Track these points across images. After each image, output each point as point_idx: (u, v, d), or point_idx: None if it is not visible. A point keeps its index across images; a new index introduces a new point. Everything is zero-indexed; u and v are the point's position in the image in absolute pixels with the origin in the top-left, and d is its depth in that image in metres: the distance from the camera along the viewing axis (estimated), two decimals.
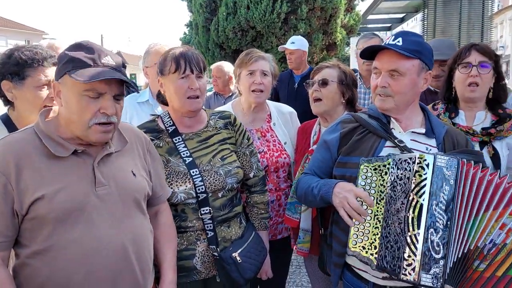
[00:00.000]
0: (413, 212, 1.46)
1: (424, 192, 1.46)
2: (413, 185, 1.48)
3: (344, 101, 2.29)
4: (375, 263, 1.55)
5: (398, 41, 1.66)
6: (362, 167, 1.63)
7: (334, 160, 1.79)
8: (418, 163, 1.49)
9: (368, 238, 1.59)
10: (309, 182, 1.80)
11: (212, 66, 4.65)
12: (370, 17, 12.51)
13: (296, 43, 4.41)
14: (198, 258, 1.85)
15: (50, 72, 1.75)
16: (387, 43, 1.69)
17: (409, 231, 1.46)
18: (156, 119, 1.98)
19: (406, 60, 1.65)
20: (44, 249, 1.33)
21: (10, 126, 1.79)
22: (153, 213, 1.68)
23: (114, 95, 1.40)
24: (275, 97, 4.14)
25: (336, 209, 1.64)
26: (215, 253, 1.83)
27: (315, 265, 2.21)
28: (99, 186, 1.41)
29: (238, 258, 1.83)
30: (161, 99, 1.99)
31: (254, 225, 2.08)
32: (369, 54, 1.76)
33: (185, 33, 15.04)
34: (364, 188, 1.61)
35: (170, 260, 1.69)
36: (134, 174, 1.54)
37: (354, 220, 1.58)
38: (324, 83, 2.26)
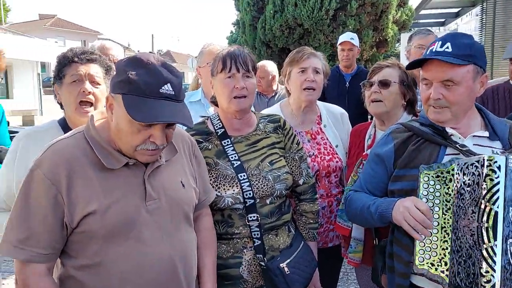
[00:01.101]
0: (487, 222, 1.32)
1: (498, 198, 1.32)
2: (484, 191, 1.33)
3: (404, 103, 2.13)
4: (447, 281, 1.41)
5: (447, 47, 1.50)
6: (422, 175, 1.49)
7: (390, 175, 1.65)
8: (488, 166, 1.34)
9: (436, 253, 1.44)
10: (364, 201, 1.67)
11: None
12: (423, 12, 11.94)
13: (355, 39, 4.26)
14: (245, 266, 1.78)
15: (83, 68, 1.75)
16: (434, 50, 1.53)
17: (484, 243, 1.31)
18: (206, 120, 1.94)
19: (459, 68, 1.49)
20: (92, 264, 1.29)
21: (65, 128, 1.80)
22: (194, 217, 1.63)
23: (167, 125, 1.32)
24: (321, 96, 4.01)
25: (395, 226, 1.51)
26: (262, 263, 1.75)
27: (367, 276, 2.09)
28: (149, 200, 1.36)
29: (286, 269, 1.74)
30: (213, 100, 1.95)
31: (302, 235, 1.98)
32: (416, 63, 1.61)
33: (231, 32, 15.12)
34: (427, 199, 1.47)
35: (210, 268, 1.63)
36: (183, 185, 1.48)
37: (420, 234, 1.44)
38: (385, 84, 2.10)
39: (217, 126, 1.88)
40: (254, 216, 1.75)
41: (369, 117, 4.15)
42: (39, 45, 20.60)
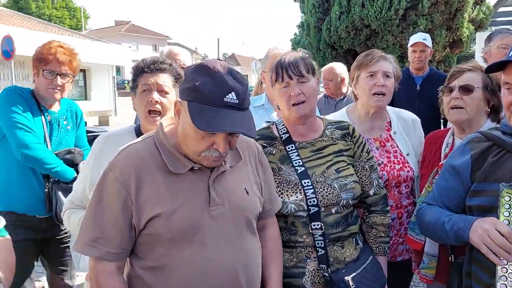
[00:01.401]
0: None
1: None
2: None
3: (488, 109, 1.95)
4: None
5: None
6: (503, 193, 1.34)
7: (467, 189, 1.51)
8: None
9: None
10: (438, 216, 1.55)
11: (323, 69, 4.36)
12: (501, 9, 11.05)
13: (428, 40, 4.04)
14: (308, 277, 1.72)
15: (152, 78, 1.79)
16: None
17: None
18: (271, 126, 1.92)
19: None
20: (158, 266, 1.33)
21: (139, 134, 1.86)
22: (260, 227, 1.60)
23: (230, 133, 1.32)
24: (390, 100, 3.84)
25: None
26: (326, 274, 1.68)
27: None
28: (213, 205, 1.36)
29: (351, 283, 1.66)
30: (278, 106, 1.94)
31: (372, 248, 1.88)
32: (496, 67, 1.46)
33: (295, 34, 15.06)
34: (508, 220, 1.33)
35: (276, 278, 1.60)
36: (247, 192, 1.47)
37: (502, 258, 1.30)
38: (466, 89, 1.93)
39: (281, 131, 1.85)
40: (317, 225, 1.69)
41: (441, 122, 3.91)
42: (115, 50, 21.90)
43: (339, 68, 4.26)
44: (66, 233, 2.54)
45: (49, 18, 39.53)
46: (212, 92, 1.24)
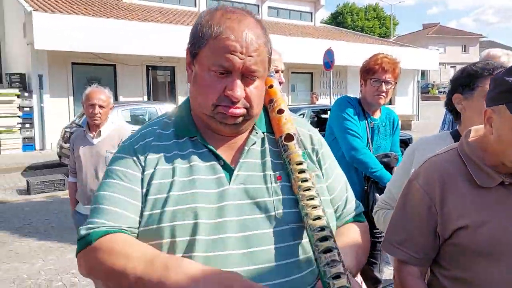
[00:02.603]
0: None
1: None
2: None
3: None
4: None
5: None
6: None
7: None
8: None
9: None
10: None
11: None
12: None
13: None
14: None
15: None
16: None
17: None
18: None
19: None
20: (464, 278, 1.30)
21: (457, 139, 1.84)
22: None
23: None
24: None
25: None
26: None
27: None
28: None
29: None
30: None
31: None
32: None
33: None
34: None
35: None
36: None
37: None
38: None
39: None
40: None
41: None
42: (421, 54, 21.71)
43: None
44: (377, 228, 2.76)
45: (361, 29, 42.98)
46: None
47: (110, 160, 1.11)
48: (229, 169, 1.05)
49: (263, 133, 1.13)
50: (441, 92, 36.76)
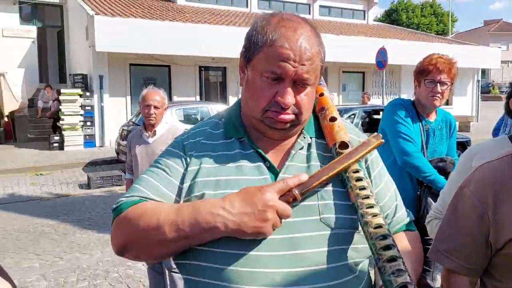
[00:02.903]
0: None
1: None
2: None
3: None
4: None
5: None
6: None
7: None
8: None
9: None
10: None
11: None
12: None
13: None
14: None
15: None
16: None
17: None
18: None
19: None
20: None
21: None
22: None
23: None
24: None
25: None
26: None
27: None
28: None
29: None
30: None
31: None
32: None
33: None
34: None
35: None
36: None
37: None
38: None
39: None
40: None
41: None
42: (481, 52, 20.56)
43: None
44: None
45: (417, 26, 41.35)
46: None
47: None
48: (274, 171, 1.07)
49: (311, 138, 1.14)
50: (503, 92, 34.68)
